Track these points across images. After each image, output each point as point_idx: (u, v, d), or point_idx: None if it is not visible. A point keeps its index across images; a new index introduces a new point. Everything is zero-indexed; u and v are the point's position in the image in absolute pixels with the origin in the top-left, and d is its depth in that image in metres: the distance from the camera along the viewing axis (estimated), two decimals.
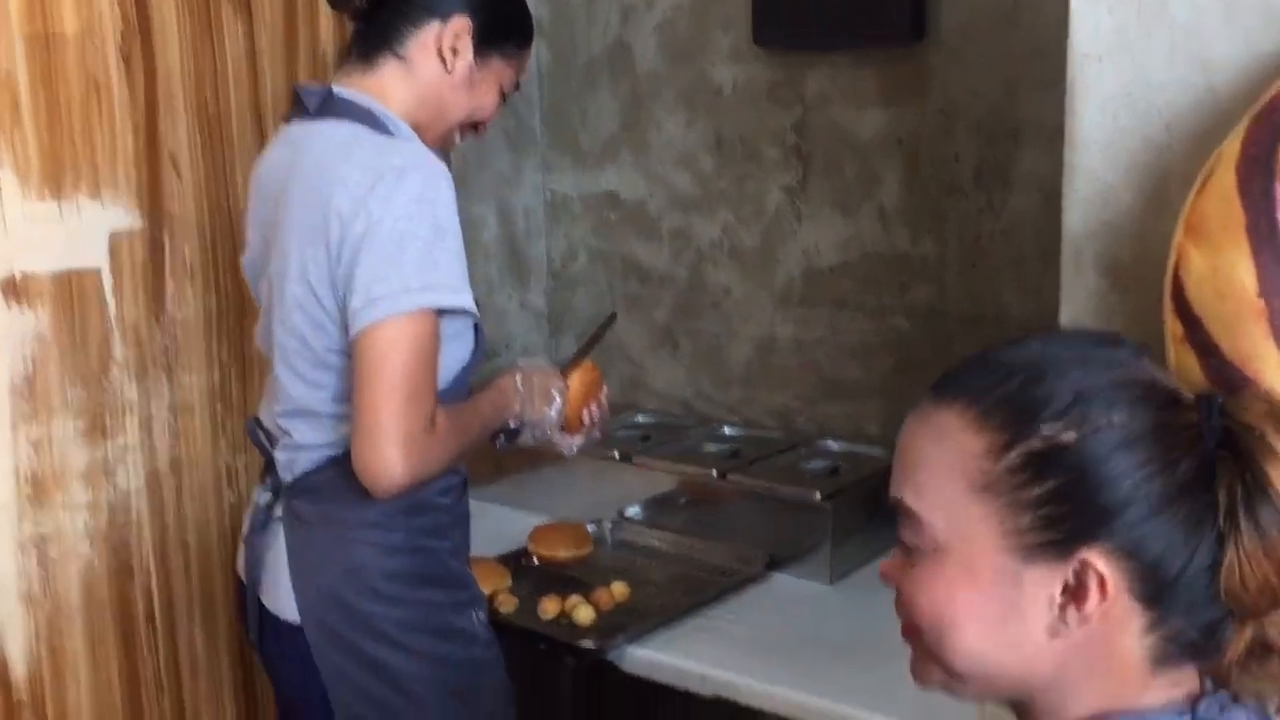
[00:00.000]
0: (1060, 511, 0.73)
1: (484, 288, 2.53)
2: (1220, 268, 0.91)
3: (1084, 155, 1.10)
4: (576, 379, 1.72)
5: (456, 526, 1.59)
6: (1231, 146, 0.92)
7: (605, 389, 1.78)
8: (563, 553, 1.97)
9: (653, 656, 1.70)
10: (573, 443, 1.73)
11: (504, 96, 1.61)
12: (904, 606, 0.81)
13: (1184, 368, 0.93)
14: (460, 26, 1.51)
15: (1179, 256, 0.95)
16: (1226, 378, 0.88)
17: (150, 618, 1.97)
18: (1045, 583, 0.74)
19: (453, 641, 1.53)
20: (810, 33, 2.20)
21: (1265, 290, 0.88)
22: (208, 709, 2.06)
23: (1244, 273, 0.89)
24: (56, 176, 1.81)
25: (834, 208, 2.25)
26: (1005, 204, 2.05)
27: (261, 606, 1.57)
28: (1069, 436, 0.73)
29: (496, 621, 1.73)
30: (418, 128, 1.52)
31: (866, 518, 1.98)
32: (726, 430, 2.38)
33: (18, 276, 1.78)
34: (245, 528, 1.61)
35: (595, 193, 2.58)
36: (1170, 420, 0.75)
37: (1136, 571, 0.73)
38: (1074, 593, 0.74)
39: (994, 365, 0.79)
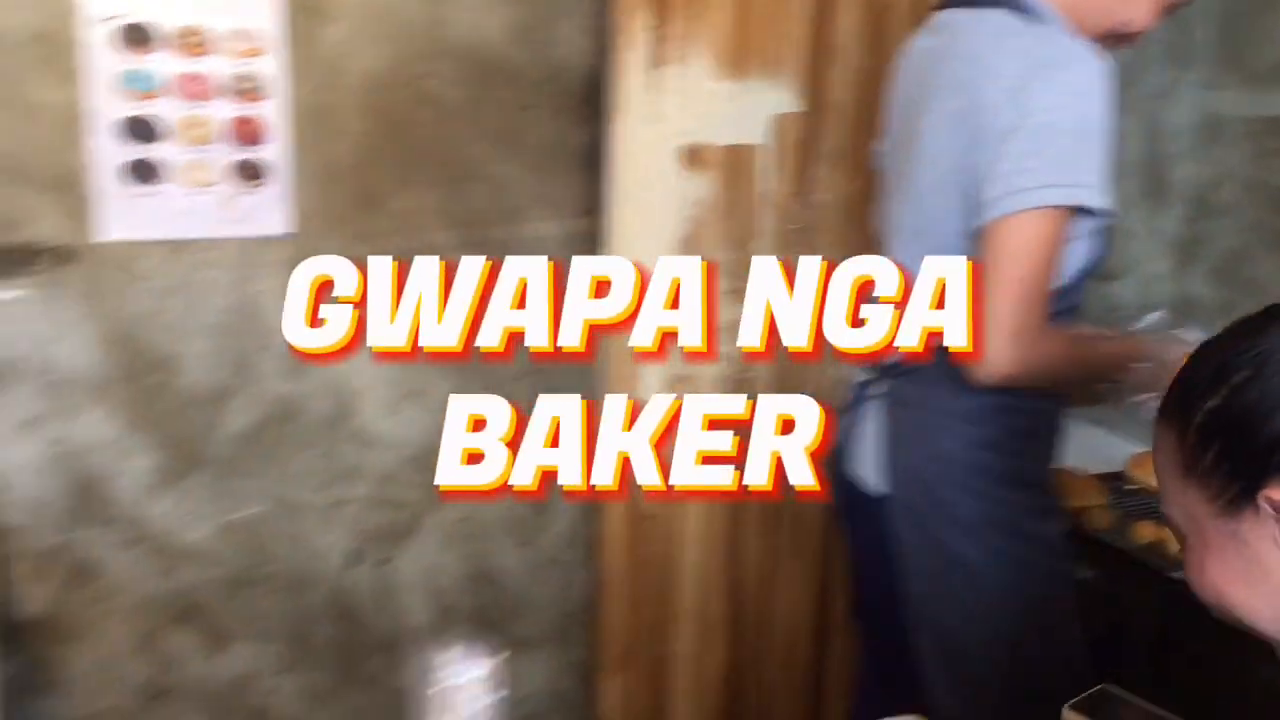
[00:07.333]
0: (1233, 465, 0.84)
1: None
2: None
3: None
4: None
5: (1048, 434, 1.55)
6: None
7: None
8: None
9: None
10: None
11: (1168, 10, 1.51)
12: None
13: None
14: None
15: None
16: None
17: None
18: (1262, 525, 0.83)
19: (1031, 546, 1.51)
20: None
21: None
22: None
23: None
24: (740, 60, 2.00)
25: None
26: None
27: (845, 474, 1.64)
28: (1214, 402, 0.85)
29: (1085, 535, 1.72)
30: (1070, 23, 1.46)
31: None
32: None
33: (694, 146, 2.00)
34: (842, 402, 1.68)
35: (1261, 116, 2.38)
36: None
37: None
38: None
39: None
